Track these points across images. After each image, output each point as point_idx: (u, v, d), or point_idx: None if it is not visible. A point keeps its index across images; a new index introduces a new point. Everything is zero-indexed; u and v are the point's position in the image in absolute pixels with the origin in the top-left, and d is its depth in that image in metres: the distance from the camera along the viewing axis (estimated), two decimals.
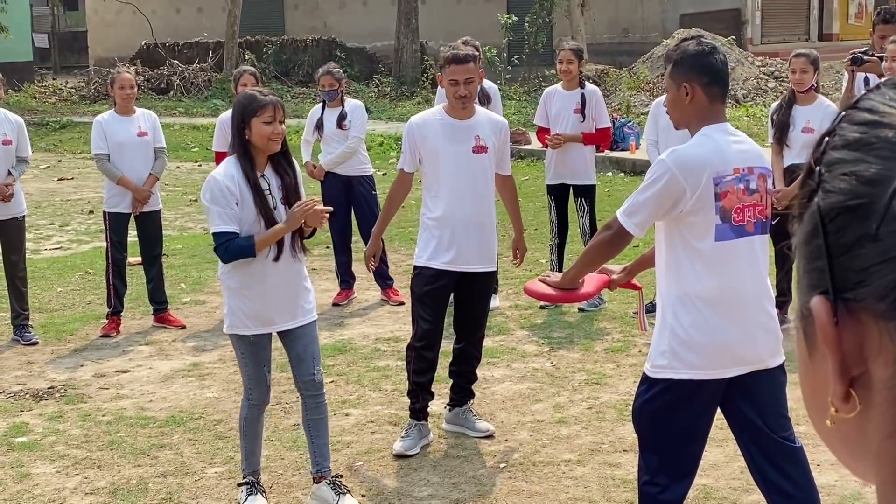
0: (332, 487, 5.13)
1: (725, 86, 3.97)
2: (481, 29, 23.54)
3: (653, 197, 3.84)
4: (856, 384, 0.75)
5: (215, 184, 4.84)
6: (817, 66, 7.46)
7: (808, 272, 0.78)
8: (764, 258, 3.97)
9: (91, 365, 7.47)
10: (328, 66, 9.02)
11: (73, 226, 12.98)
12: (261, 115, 4.79)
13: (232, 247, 4.82)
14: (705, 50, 3.93)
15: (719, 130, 3.91)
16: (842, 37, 32.14)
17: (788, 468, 4.02)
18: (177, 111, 24.27)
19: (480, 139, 5.72)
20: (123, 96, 8.18)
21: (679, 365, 3.88)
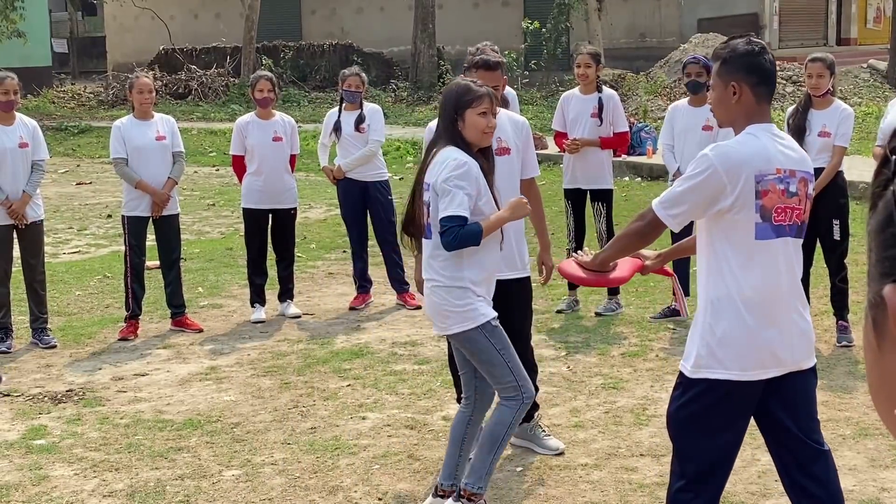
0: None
1: (773, 86, 3.94)
2: (498, 34, 23.56)
3: (692, 190, 3.81)
4: None
5: (467, 167, 4.63)
6: (833, 70, 7.43)
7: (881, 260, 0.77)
8: (799, 260, 3.96)
9: (109, 368, 7.50)
10: (355, 68, 9.03)
11: (92, 230, 13.04)
12: (476, 105, 4.66)
13: (462, 233, 4.56)
14: (755, 49, 3.89)
15: (765, 130, 3.89)
16: (860, 41, 32.03)
17: (817, 471, 4.00)
18: (194, 116, 24.35)
19: (503, 141, 5.60)
20: (142, 101, 8.23)
21: (717, 365, 3.83)
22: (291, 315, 8.73)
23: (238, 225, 12.51)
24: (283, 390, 6.90)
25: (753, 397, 3.91)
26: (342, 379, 7.10)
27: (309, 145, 19.06)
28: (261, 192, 8.64)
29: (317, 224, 12.98)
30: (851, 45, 30.79)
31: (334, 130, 8.89)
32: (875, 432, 5.88)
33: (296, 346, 7.93)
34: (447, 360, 6.07)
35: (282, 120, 8.80)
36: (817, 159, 7.44)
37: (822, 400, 6.39)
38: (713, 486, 3.99)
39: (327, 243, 11.75)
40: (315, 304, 9.11)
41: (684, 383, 3.93)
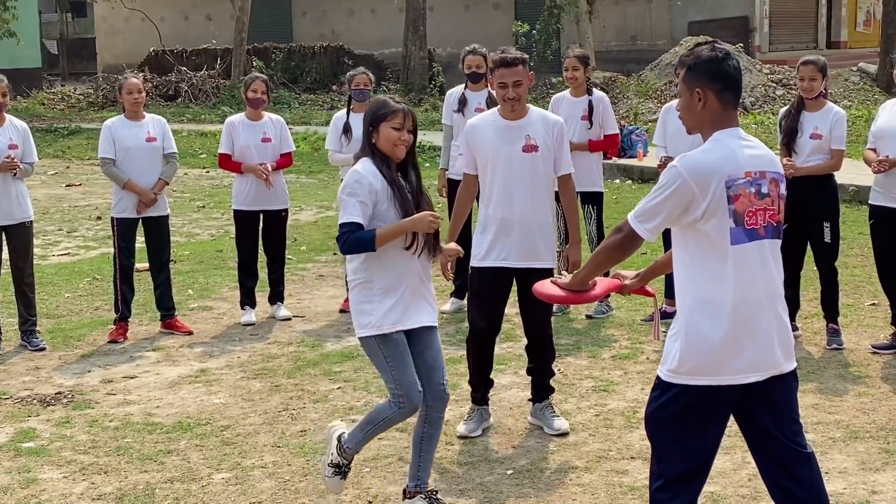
0: (429, 501, 5.04)
1: (738, 92, 3.95)
2: (489, 36, 23.54)
3: (664, 202, 3.83)
4: None
5: (358, 176, 4.83)
6: (825, 73, 7.45)
7: None
8: (777, 262, 3.95)
9: (98, 371, 7.47)
10: (361, 68, 8.99)
11: (81, 232, 13.00)
12: (391, 119, 4.85)
13: (353, 238, 4.76)
14: (719, 56, 3.91)
15: (731, 135, 3.90)
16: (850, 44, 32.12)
17: (800, 474, 4.00)
18: (185, 118, 24.32)
19: (531, 138, 5.85)
20: (132, 101, 8.20)
21: (693, 370, 3.85)
22: (282, 317, 8.70)
23: (228, 227, 12.49)
24: (273, 393, 6.88)
25: (728, 401, 3.93)
26: (332, 381, 7.08)
27: (299, 147, 19.05)
28: (251, 194, 8.61)
29: (307, 226, 12.96)
30: (841, 49, 30.88)
31: (344, 133, 8.70)
32: (865, 435, 5.88)
33: (286, 348, 7.91)
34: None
35: (271, 121, 8.77)
36: (809, 161, 7.46)
37: (813, 403, 6.41)
38: (691, 486, 4.00)
39: (318, 245, 11.73)
40: (305, 307, 9.09)
41: (661, 386, 3.96)
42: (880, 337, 7.57)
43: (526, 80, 5.85)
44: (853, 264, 9.67)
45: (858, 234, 10.63)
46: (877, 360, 7.24)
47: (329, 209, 14.14)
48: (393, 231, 4.80)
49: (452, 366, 7.26)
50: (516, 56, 5.83)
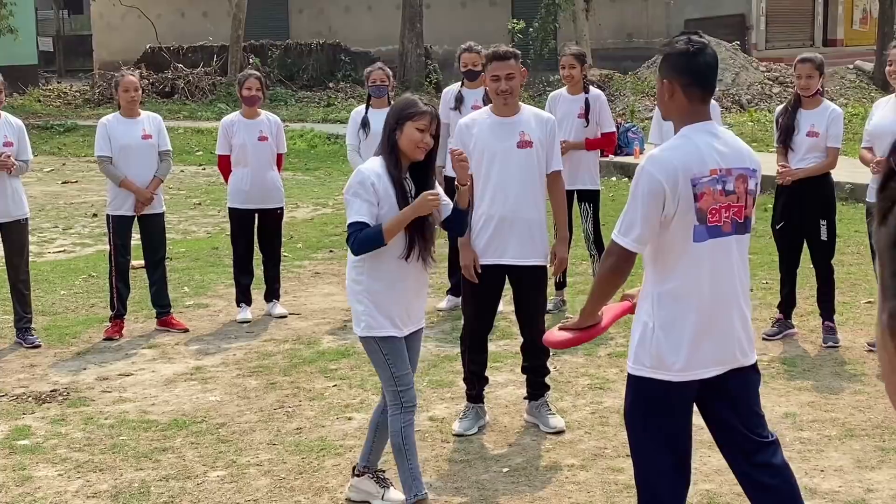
0: (376, 480, 5.16)
1: (708, 87, 3.93)
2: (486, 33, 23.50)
3: (640, 207, 3.83)
4: None
5: (361, 176, 4.83)
6: (822, 70, 7.44)
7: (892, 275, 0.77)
8: (741, 257, 3.98)
9: (94, 368, 7.46)
10: (378, 63, 8.86)
11: (77, 229, 12.98)
12: (417, 120, 4.82)
13: (361, 236, 4.74)
14: (690, 50, 3.89)
15: (700, 131, 3.89)
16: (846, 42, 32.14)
17: (762, 459, 4.09)
18: (181, 115, 24.29)
19: (525, 134, 5.87)
20: (128, 99, 8.19)
21: (657, 365, 3.91)
22: (278, 315, 8.69)
23: (224, 224, 12.46)
24: (268, 391, 6.87)
25: (690, 395, 3.98)
26: (328, 379, 7.07)
27: (296, 144, 19.08)
28: (247, 192, 8.60)
29: (303, 224, 12.95)
30: (838, 47, 30.89)
31: (362, 127, 8.57)
32: (861, 433, 5.88)
33: (282, 346, 7.91)
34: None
35: (267, 119, 8.76)
36: (805, 159, 7.46)
37: (809, 401, 6.41)
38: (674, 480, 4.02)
39: (314, 243, 11.72)
40: (301, 304, 9.08)
41: (629, 381, 4.03)
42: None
43: (518, 75, 5.87)
44: (849, 262, 9.67)
45: (854, 231, 10.63)
46: (873, 357, 7.24)
47: (325, 206, 14.13)
48: (399, 221, 4.78)
49: (449, 363, 7.26)
50: (508, 50, 5.89)
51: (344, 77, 27.48)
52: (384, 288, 4.88)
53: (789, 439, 5.67)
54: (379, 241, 4.76)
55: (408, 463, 4.93)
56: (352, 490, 5.23)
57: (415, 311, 5.02)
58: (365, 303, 4.88)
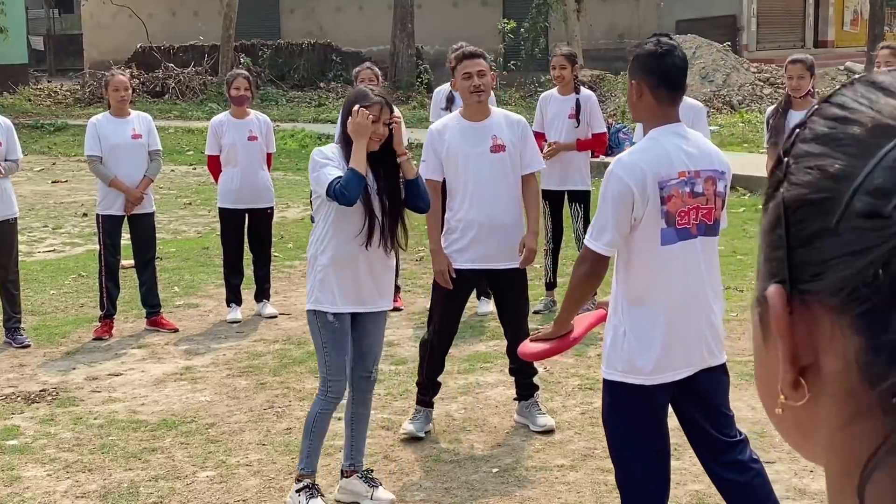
0: (364, 480, 5.17)
1: (676, 89, 3.94)
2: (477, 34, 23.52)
3: (610, 210, 3.85)
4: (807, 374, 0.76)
5: (321, 153, 4.95)
6: (813, 71, 7.46)
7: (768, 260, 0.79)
8: (709, 259, 4.00)
9: (83, 368, 7.44)
10: (367, 63, 8.96)
11: (67, 228, 12.95)
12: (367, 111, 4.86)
13: (340, 183, 4.77)
14: (658, 51, 3.91)
15: (668, 133, 3.90)
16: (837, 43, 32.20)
17: (732, 459, 4.12)
18: (172, 114, 24.25)
19: (498, 138, 5.84)
20: (118, 98, 8.17)
21: (629, 369, 3.94)
22: (268, 315, 8.68)
23: (215, 224, 12.44)
24: (258, 391, 6.86)
25: (664, 398, 4.01)
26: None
27: (287, 144, 19.06)
28: (237, 192, 8.58)
29: (294, 223, 12.93)
30: (829, 48, 30.95)
31: None
32: None
33: (272, 346, 7.89)
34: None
35: (257, 119, 8.75)
36: None
37: None
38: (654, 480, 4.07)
39: (304, 243, 11.64)
40: (292, 304, 9.07)
41: (604, 386, 4.06)
42: None
43: (489, 74, 5.86)
44: None
45: None
46: None
47: None
48: (357, 153, 4.82)
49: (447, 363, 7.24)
50: (476, 49, 5.91)
51: (335, 77, 27.47)
52: (341, 263, 4.98)
53: (778, 439, 5.68)
54: (359, 178, 4.79)
55: (309, 441, 5.09)
56: (341, 491, 5.24)
57: (371, 293, 5.06)
58: (318, 278, 5.03)
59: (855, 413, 0.72)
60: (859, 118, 0.74)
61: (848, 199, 0.71)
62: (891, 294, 0.69)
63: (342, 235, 4.97)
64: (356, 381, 5.22)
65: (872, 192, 0.70)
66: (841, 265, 0.71)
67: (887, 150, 0.71)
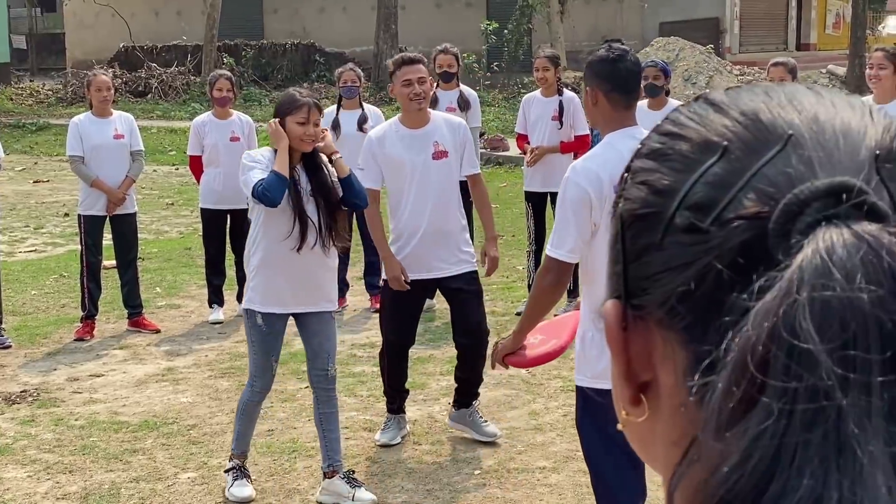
0: (346, 481, 5.19)
1: (630, 93, 3.96)
2: (461, 35, 23.54)
3: (569, 216, 3.86)
4: (647, 390, 0.76)
5: (250, 157, 5.11)
6: (795, 74, 7.47)
7: (609, 276, 0.81)
8: None
9: (64, 369, 7.41)
10: (349, 64, 8.94)
11: (48, 228, 12.89)
12: (295, 114, 4.99)
13: (262, 185, 4.91)
14: (610, 57, 3.94)
15: (624, 136, 3.91)
16: (819, 46, 32.35)
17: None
18: (154, 114, 24.16)
19: (439, 144, 5.72)
20: (100, 99, 8.14)
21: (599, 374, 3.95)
22: None
23: (197, 224, 12.40)
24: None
25: None
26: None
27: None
28: (219, 193, 8.56)
29: None
30: (811, 51, 31.09)
31: (333, 129, 8.62)
32: None
33: None
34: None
35: (239, 119, 8.74)
36: None
37: None
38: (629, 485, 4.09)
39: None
40: None
41: (577, 392, 4.11)
42: None
43: (429, 80, 5.75)
44: None
45: None
46: None
47: None
48: (281, 158, 4.97)
49: (421, 365, 7.25)
50: (416, 55, 5.82)
51: (318, 77, 27.43)
52: (271, 264, 5.08)
53: None
54: (280, 178, 4.93)
55: (239, 424, 5.30)
56: (323, 492, 5.24)
57: (307, 292, 5.13)
58: (252, 275, 5.16)
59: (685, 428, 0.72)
60: (687, 133, 0.75)
61: (672, 213, 0.72)
62: (707, 308, 0.69)
63: (271, 237, 5.07)
64: (315, 381, 5.28)
65: (692, 207, 0.71)
66: (665, 279, 0.72)
67: (708, 165, 0.72)
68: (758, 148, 0.71)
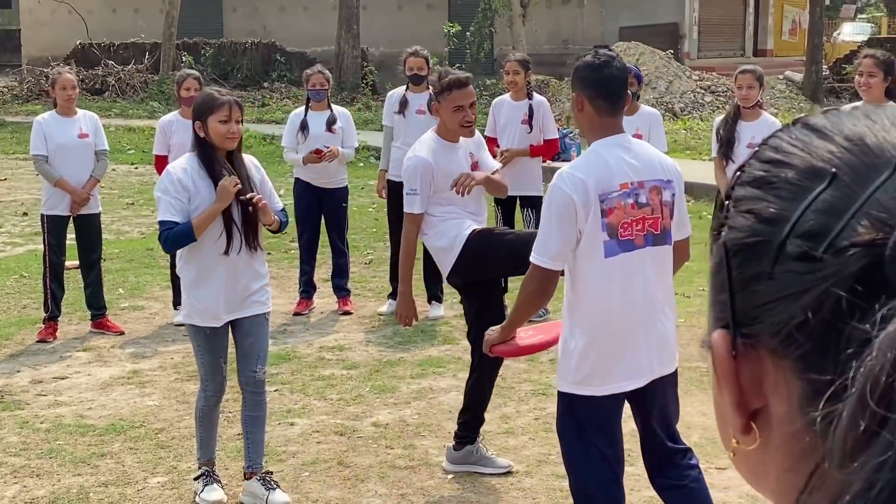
0: (262, 483, 5.19)
1: (615, 99, 3.94)
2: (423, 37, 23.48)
3: (554, 223, 3.86)
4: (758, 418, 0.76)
5: (168, 175, 5.05)
6: (762, 82, 7.54)
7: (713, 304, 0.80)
8: (659, 269, 4.02)
9: (28, 371, 7.31)
10: (317, 66, 8.80)
11: (7, 228, 12.70)
12: (217, 113, 4.96)
13: (171, 234, 4.95)
14: (594, 63, 3.93)
15: (610, 144, 3.91)
16: (776, 53, 32.70)
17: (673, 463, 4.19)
18: (112, 113, 23.91)
19: (473, 156, 5.62)
20: (65, 97, 8.04)
21: (580, 381, 3.99)
22: None
23: None
24: None
25: (617, 408, 4.06)
26: (269, 384, 6.95)
27: None
28: None
29: None
30: (768, 57, 31.41)
31: (301, 130, 8.53)
32: None
33: None
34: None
35: None
36: None
37: None
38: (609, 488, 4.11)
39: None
40: None
41: (558, 397, 4.10)
42: None
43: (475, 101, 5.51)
44: None
45: None
46: None
47: None
48: (207, 215, 4.98)
49: (391, 368, 7.23)
50: (468, 76, 5.48)
51: (279, 77, 27.29)
52: (202, 279, 5.07)
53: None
54: (189, 237, 4.97)
55: (199, 433, 5.29)
56: (244, 493, 5.28)
57: (240, 300, 5.12)
58: (187, 291, 5.14)
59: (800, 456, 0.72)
60: (792, 161, 0.75)
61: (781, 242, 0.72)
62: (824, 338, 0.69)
63: (202, 247, 5.03)
64: (244, 383, 5.26)
65: (804, 235, 0.71)
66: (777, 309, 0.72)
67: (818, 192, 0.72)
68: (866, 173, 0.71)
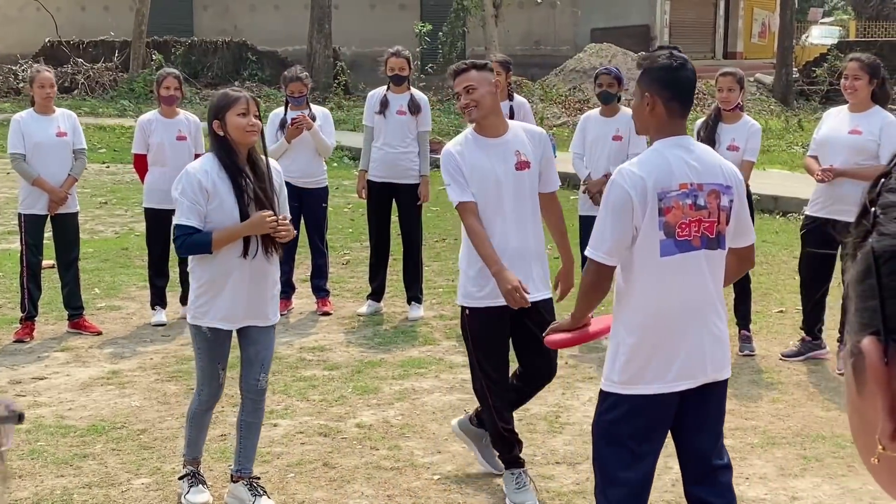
0: (248, 488, 5.16)
1: (688, 102, 3.98)
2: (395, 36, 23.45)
3: (611, 219, 3.85)
4: None
5: (186, 176, 4.94)
6: (742, 84, 7.57)
7: (859, 311, 0.78)
8: (713, 272, 4.00)
9: (5, 371, 7.24)
10: (296, 72, 8.67)
11: None
12: (234, 107, 4.91)
13: (189, 241, 4.89)
14: (673, 65, 3.93)
15: (673, 145, 3.93)
16: (745, 55, 32.89)
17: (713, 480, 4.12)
18: (82, 111, 23.68)
19: (521, 154, 5.14)
20: (43, 96, 7.98)
21: (628, 381, 3.92)
22: None
23: (133, 224, 12.25)
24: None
25: (667, 411, 3.98)
26: None
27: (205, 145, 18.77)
28: (163, 192, 8.38)
29: None
30: (738, 59, 31.59)
31: (281, 128, 8.49)
32: (782, 441, 6.00)
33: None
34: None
35: (186, 119, 8.64)
36: None
37: (729, 409, 6.48)
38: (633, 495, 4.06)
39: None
40: None
41: (600, 396, 4.04)
42: (789, 344, 7.72)
43: (484, 84, 5.11)
44: (759, 272, 9.86)
45: (762, 241, 10.85)
46: (787, 367, 7.40)
47: None
48: (230, 235, 4.91)
49: (372, 369, 7.21)
50: (468, 62, 5.30)
51: (250, 76, 27.19)
52: (216, 281, 4.99)
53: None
54: (206, 249, 4.91)
55: (190, 431, 5.26)
56: (229, 496, 5.25)
57: (253, 306, 5.07)
58: (197, 292, 5.05)
59: None
60: None
61: None
62: None
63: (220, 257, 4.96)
64: (245, 389, 5.23)
65: None
66: None
67: None
68: None
